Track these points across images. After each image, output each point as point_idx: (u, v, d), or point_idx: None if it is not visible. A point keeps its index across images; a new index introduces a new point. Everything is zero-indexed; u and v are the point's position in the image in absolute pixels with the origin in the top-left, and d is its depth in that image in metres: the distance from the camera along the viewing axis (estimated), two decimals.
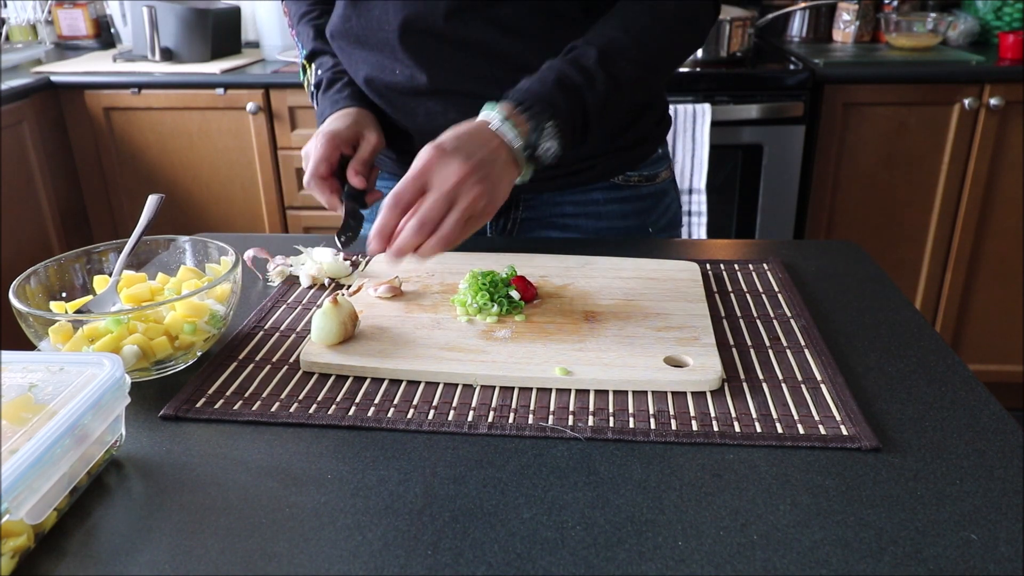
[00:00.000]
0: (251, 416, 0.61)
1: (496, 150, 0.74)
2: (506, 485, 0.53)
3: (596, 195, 1.01)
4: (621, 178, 1.01)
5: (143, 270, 0.76)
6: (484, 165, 0.72)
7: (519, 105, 0.77)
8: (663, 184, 1.06)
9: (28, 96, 2.03)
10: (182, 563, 0.47)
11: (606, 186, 1.01)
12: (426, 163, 0.71)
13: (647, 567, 0.46)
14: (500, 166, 0.74)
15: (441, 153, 0.72)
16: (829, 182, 2.05)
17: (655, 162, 1.04)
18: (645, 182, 1.03)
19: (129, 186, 2.23)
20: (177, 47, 2.21)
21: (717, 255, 0.91)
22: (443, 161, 0.71)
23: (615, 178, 1.01)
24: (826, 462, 0.55)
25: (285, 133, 2.13)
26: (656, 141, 1.04)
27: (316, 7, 1.04)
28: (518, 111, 0.76)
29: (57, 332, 0.64)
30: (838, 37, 2.37)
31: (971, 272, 2.11)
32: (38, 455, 0.46)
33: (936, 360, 0.68)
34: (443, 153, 0.72)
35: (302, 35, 1.04)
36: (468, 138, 0.74)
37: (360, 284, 0.80)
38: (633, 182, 1.02)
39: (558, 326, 0.72)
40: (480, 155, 0.73)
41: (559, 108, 0.77)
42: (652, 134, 1.02)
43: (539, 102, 0.77)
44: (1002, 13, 2.22)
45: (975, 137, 1.97)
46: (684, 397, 0.62)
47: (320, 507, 0.51)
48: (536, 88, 0.78)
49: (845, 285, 0.83)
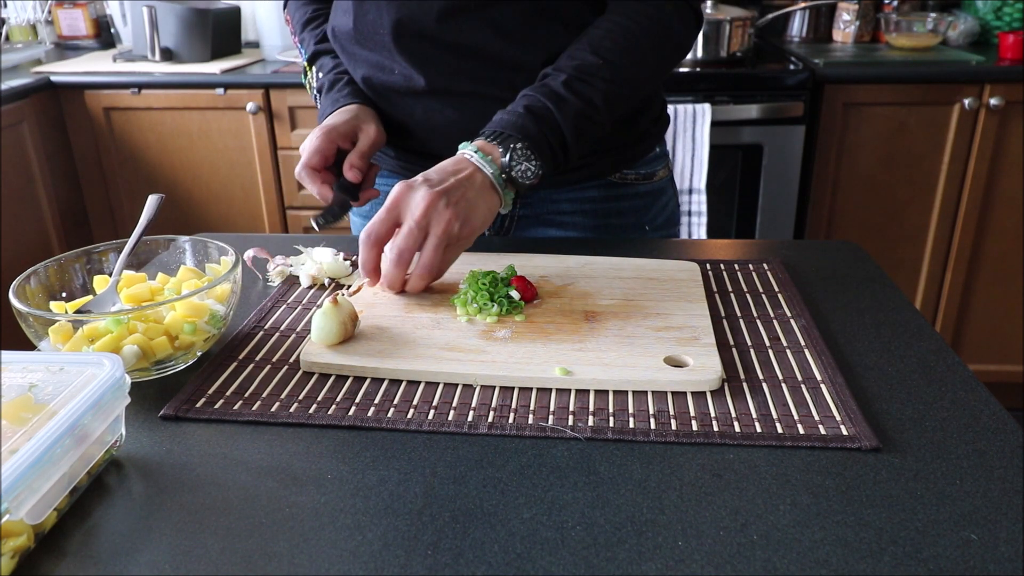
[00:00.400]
0: (251, 416, 0.61)
1: (469, 176, 0.78)
2: (506, 485, 0.53)
3: (593, 193, 1.01)
4: (618, 176, 1.01)
5: (143, 270, 0.76)
6: (454, 190, 0.76)
7: (490, 136, 0.81)
8: (661, 182, 1.06)
9: (28, 96, 2.03)
10: (182, 563, 0.47)
11: (603, 184, 1.01)
12: (395, 197, 0.75)
13: (647, 567, 0.46)
14: (474, 191, 0.77)
15: (409, 187, 0.76)
16: (829, 182, 2.05)
17: (652, 160, 1.04)
18: (643, 180, 1.03)
19: (129, 186, 2.23)
20: (177, 47, 2.21)
21: (717, 255, 0.91)
22: (411, 193, 0.75)
23: (612, 176, 1.01)
24: (826, 462, 0.55)
25: (285, 133, 2.13)
26: (654, 139, 1.04)
27: (320, 15, 1.04)
28: (489, 140, 0.80)
29: (57, 332, 0.64)
30: (838, 37, 2.37)
31: (971, 272, 2.11)
32: (38, 455, 0.46)
33: (936, 360, 0.68)
34: (411, 187, 0.76)
35: (305, 41, 1.04)
36: (439, 170, 0.78)
37: (360, 284, 0.80)
38: (630, 180, 1.02)
39: (558, 326, 0.72)
40: (449, 182, 0.76)
41: (528, 130, 0.81)
42: (649, 132, 1.02)
43: (507, 127, 0.81)
44: (1002, 13, 2.22)
45: (975, 137, 1.97)
46: (684, 397, 0.62)
47: (320, 507, 0.51)
48: (505, 118, 0.82)
49: (845, 285, 0.83)
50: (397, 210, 0.75)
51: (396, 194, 0.75)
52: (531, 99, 0.83)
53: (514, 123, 0.81)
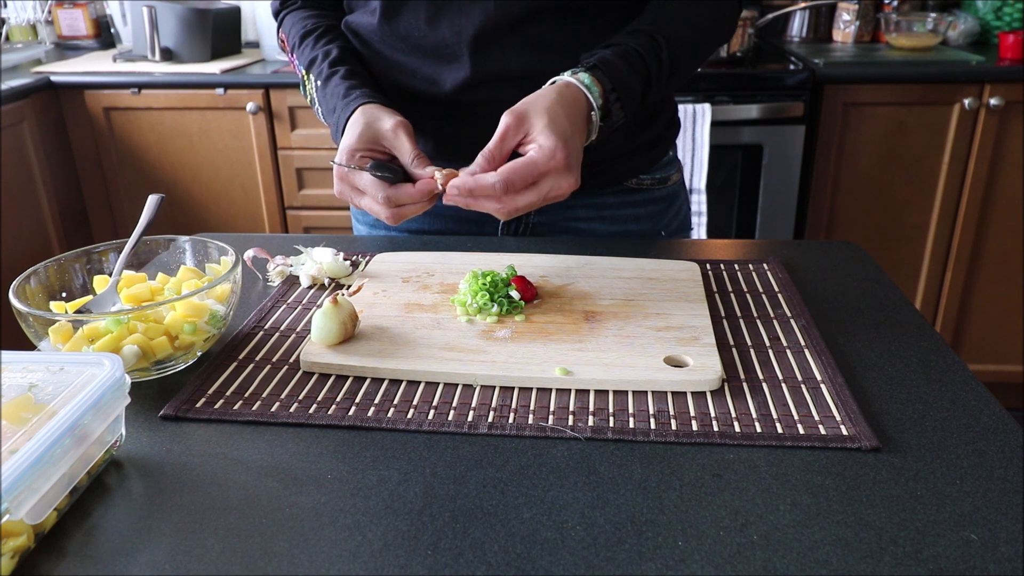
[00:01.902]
0: (251, 416, 0.61)
1: (582, 136, 0.79)
2: (506, 485, 0.53)
3: (609, 199, 1.00)
4: (634, 181, 1.01)
5: (143, 270, 0.76)
6: (578, 168, 0.76)
7: (612, 91, 0.81)
8: (674, 187, 1.06)
9: (28, 96, 2.03)
10: (182, 563, 0.47)
11: (619, 190, 1.00)
12: (548, 166, 0.74)
13: (647, 567, 0.46)
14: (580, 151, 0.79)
15: (565, 167, 0.74)
16: (829, 182, 2.05)
17: (666, 165, 1.04)
18: (658, 185, 1.03)
19: (129, 186, 2.23)
20: (177, 47, 2.21)
21: (717, 255, 0.91)
22: (561, 176, 0.74)
23: (629, 181, 1.01)
24: (826, 462, 0.55)
25: (285, 133, 2.13)
26: (668, 143, 1.04)
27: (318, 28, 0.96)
28: (610, 94, 0.81)
29: (57, 332, 0.64)
30: (838, 37, 2.37)
31: (971, 272, 2.11)
32: (38, 455, 0.46)
33: (936, 360, 0.68)
34: (566, 168, 0.74)
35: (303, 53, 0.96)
36: (578, 150, 0.77)
37: (360, 284, 0.80)
38: (646, 185, 1.02)
39: (558, 326, 0.72)
40: (579, 155, 0.77)
41: (630, 83, 0.82)
42: (664, 136, 1.02)
43: (625, 88, 0.82)
44: (1002, 13, 2.22)
45: (975, 137, 1.97)
46: (684, 397, 0.62)
47: (320, 507, 0.51)
48: (617, 63, 0.82)
49: (845, 285, 0.83)
50: (540, 177, 0.74)
51: (549, 163, 0.73)
52: (635, 49, 0.84)
53: (630, 86, 0.82)
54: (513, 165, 0.73)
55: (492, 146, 0.75)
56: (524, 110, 0.76)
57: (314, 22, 0.97)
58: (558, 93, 0.78)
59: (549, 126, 0.74)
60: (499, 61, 0.90)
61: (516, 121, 0.75)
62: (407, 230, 1.05)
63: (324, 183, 2.17)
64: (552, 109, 0.76)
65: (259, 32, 2.35)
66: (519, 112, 0.76)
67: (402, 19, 0.91)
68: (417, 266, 0.86)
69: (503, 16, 0.87)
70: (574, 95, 0.79)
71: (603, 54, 0.83)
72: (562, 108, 0.76)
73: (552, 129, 0.74)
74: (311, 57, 0.94)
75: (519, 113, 0.75)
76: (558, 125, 0.75)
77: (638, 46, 0.84)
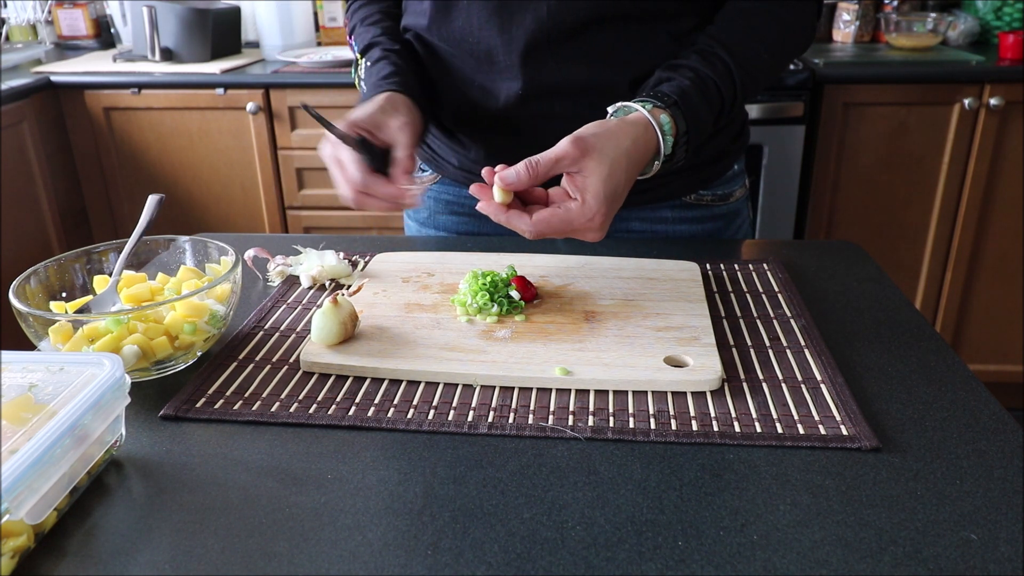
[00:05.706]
0: (251, 416, 0.61)
1: (631, 185, 0.74)
2: (506, 485, 0.53)
3: (665, 212, 0.96)
4: (693, 197, 0.96)
5: (143, 270, 0.76)
6: (608, 224, 0.72)
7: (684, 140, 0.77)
8: (737, 203, 1.00)
9: (28, 96, 2.03)
10: (182, 563, 0.47)
11: (677, 204, 0.96)
12: (582, 225, 0.71)
13: (647, 567, 0.46)
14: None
15: (598, 226, 0.71)
16: (829, 182, 2.05)
17: (730, 180, 0.98)
18: (718, 201, 0.98)
19: (129, 186, 2.23)
20: (177, 47, 2.21)
21: (717, 255, 0.91)
22: (590, 232, 0.71)
23: (687, 196, 0.96)
24: (826, 462, 0.55)
25: (285, 133, 2.13)
26: (733, 157, 0.98)
27: (382, 16, 0.97)
28: (681, 139, 0.77)
29: (57, 332, 0.64)
30: (838, 37, 2.37)
31: (971, 272, 2.11)
32: (38, 455, 0.46)
33: (936, 360, 0.68)
34: (599, 227, 0.71)
35: (361, 36, 0.96)
36: (617, 208, 0.73)
37: (360, 284, 0.80)
38: (705, 201, 0.97)
39: (558, 326, 0.72)
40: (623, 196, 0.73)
41: (704, 123, 0.79)
42: (728, 151, 0.97)
43: (698, 129, 0.78)
44: (1002, 13, 2.22)
45: (975, 137, 1.97)
46: (684, 397, 0.62)
47: (320, 507, 0.51)
48: (698, 114, 0.78)
49: (845, 285, 0.83)
50: (572, 232, 0.71)
51: (584, 223, 0.70)
52: (717, 84, 0.80)
53: (701, 121, 0.78)
54: (549, 218, 0.70)
55: (543, 161, 0.70)
56: (590, 146, 0.70)
57: (380, 16, 0.97)
58: (633, 139, 0.73)
59: (604, 182, 0.70)
60: (553, 73, 0.86)
61: (578, 153, 0.69)
62: (457, 232, 1.03)
63: (324, 183, 2.17)
64: (617, 161, 0.71)
65: (259, 32, 2.34)
66: (584, 146, 0.70)
67: (453, 23, 0.88)
68: (417, 266, 0.86)
69: (557, 25, 0.83)
70: (648, 141, 0.75)
71: (683, 85, 0.78)
72: (627, 158, 0.72)
73: (604, 188, 0.70)
74: (369, 42, 0.94)
75: (584, 147, 0.70)
76: (612, 182, 0.70)
77: (715, 75, 0.79)
